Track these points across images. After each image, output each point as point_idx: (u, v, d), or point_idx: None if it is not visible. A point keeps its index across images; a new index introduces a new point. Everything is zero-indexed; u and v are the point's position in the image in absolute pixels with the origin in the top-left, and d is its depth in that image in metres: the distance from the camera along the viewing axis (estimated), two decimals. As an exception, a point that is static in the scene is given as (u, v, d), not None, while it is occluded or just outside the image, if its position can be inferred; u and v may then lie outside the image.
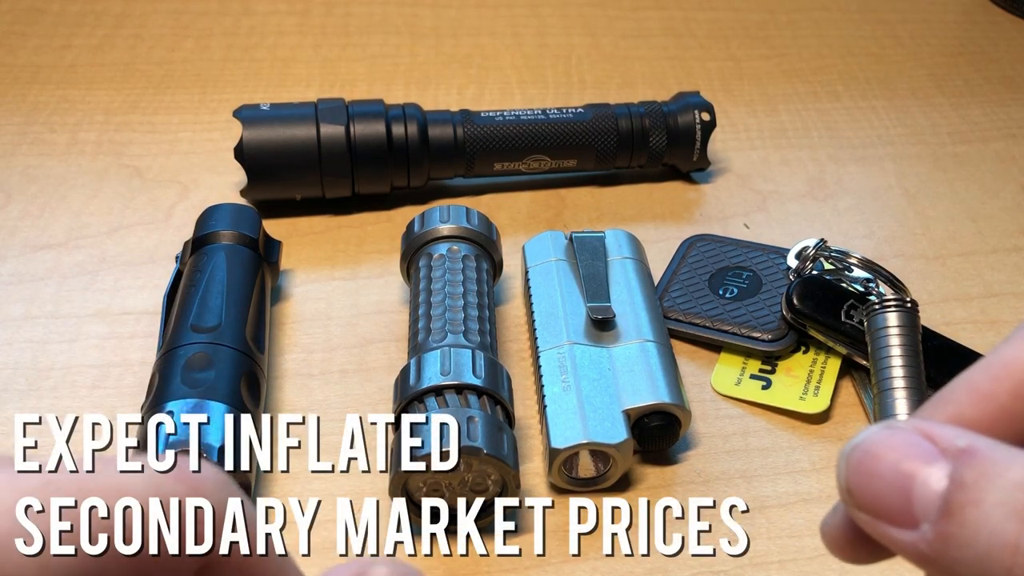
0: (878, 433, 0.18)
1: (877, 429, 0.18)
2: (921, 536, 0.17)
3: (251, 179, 0.47)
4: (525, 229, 0.48)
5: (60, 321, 0.43)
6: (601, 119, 0.50)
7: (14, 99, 0.57)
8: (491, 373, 0.35)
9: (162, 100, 0.57)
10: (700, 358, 0.42)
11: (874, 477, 0.18)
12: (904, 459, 0.17)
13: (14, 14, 0.64)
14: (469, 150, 0.49)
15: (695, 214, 0.50)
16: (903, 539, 0.17)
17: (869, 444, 0.18)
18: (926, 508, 0.17)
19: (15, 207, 0.49)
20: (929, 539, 0.17)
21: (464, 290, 0.39)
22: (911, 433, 0.18)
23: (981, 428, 0.18)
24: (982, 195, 0.52)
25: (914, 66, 0.63)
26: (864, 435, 0.18)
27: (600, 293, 0.40)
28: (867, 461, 0.18)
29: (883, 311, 0.38)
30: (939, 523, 0.17)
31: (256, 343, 0.38)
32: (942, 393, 0.20)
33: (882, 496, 0.18)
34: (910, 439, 0.18)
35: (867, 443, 0.18)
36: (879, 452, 0.18)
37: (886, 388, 0.37)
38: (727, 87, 0.60)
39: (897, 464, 0.17)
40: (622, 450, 0.35)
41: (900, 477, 0.17)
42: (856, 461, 0.18)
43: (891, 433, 0.18)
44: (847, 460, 0.18)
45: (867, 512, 0.18)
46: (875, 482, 0.18)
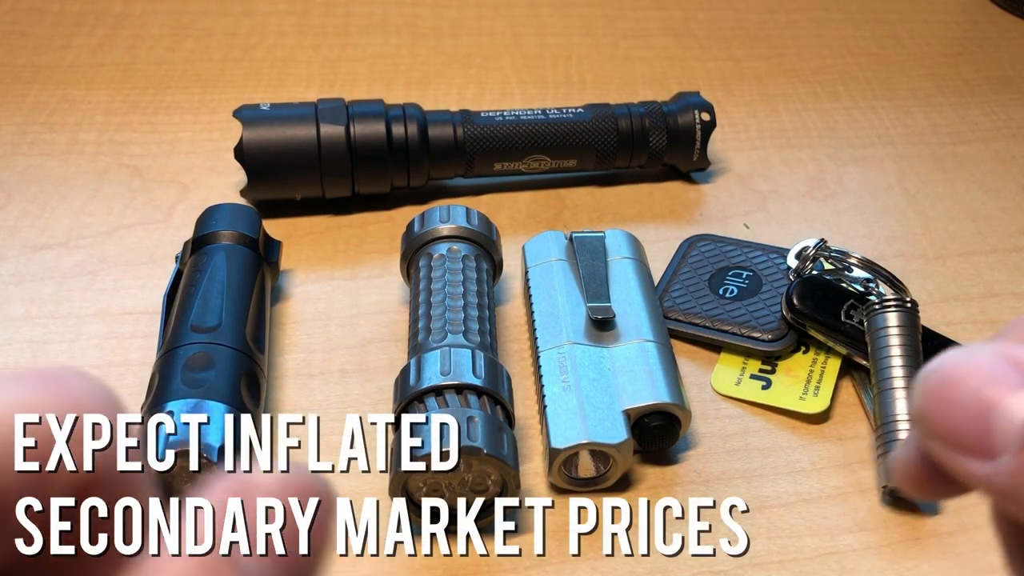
0: (959, 356, 0.17)
1: (958, 352, 0.17)
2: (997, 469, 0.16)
3: (251, 179, 0.47)
4: (525, 229, 0.48)
5: (60, 321, 0.43)
6: (601, 119, 0.50)
7: (14, 99, 0.57)
8: (491, 373, 0.35)
9: (162, 100, 0.57)
10: (700, 358, 0.42)
11: (951, 403, 0.16)
12: (985, 385, 0.16)
13: (14, 14, 0.64)
14: (469, 150, 0.49)
15: (695, 214, 0.50)
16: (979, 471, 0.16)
17: (949, 367, 0.17)
18: (1006, 439, 0.16)
19: (15, 207, 0.49)
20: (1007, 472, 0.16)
21: (464, 290, 0.39)
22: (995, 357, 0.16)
23: None
24: (982, 195, 0.52)
25: (914, 66, 0.63)
26: (944, 357, 0.17)
27: (600, 293, 0.40)
28: (945, 386, 0.17)
29: (883, 311, 0.38)
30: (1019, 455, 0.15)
31: (256, 343, 0.38)
32: None
33: (959, 424, 0.16)
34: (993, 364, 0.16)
35: (947, 366, 0.17)
36: (959, 376, 0.16)
37: (886, 388, 0.37)
38: (727, 87, 0.60)
39: (977, 390, 0.16)
40: (622, 450, 0.35)
41: (979, 404, 0.16)
42: (933, 386, 0.17)
43: (972, 356, 0.16)
44: (923, 384, 0.17)
45: (942, 441, 0.17)
46: (952, 409, 0.16)
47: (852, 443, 0.39)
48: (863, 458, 0.38)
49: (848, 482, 0.37)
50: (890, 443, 0.36)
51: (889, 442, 0.36)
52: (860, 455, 0.38)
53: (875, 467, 0.37)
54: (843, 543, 0.35)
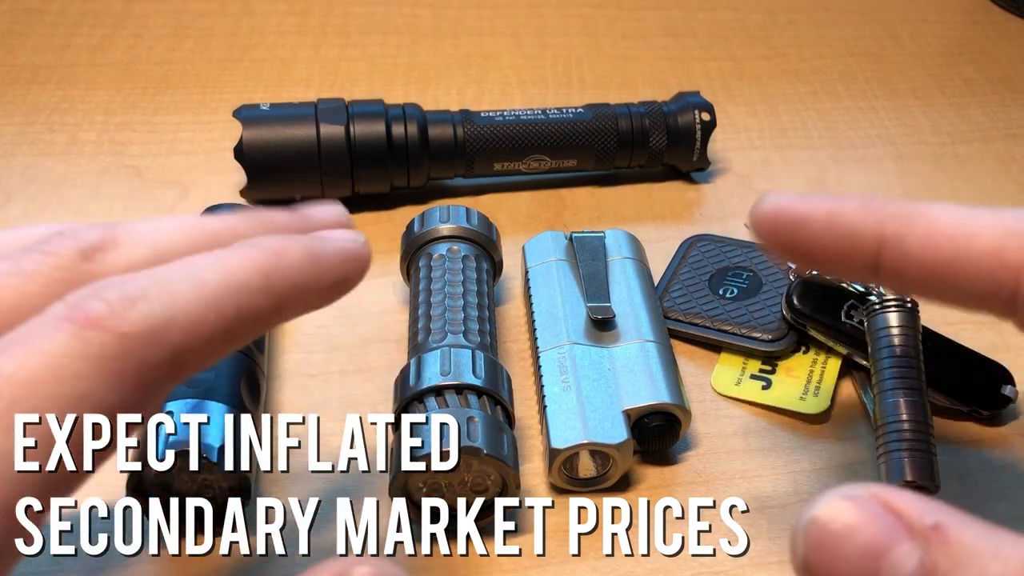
0: (836, 504, 0.17)
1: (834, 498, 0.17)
2: None
3: (251, 179, 0.47)
4: (525, 229, 0.48)
5: (60, 321, 0.43)
6: (601, 119, 0.50)
7: (14, 99, 0.57)
8: (491, 373, 0.35)
9: (162, 100, 0.57)
10: (700, 358, 0.42)
11: (837, 558, 0.16)
12: (870, 539, 0.16)
13: (14, 14, 0.64)
14: (469, 150, 0.49)
15: (695, 214, 0.50)
16: None
17: (827, 518, 0.17)
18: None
19: (15, 207, 0.49)
20: None
21: (464, 290, 0.39)
22: (873, 506, 0.16)
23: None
24: (982, 195, 0.52)
25: (914, 66, 0.63)
26: (821, 507, 0.17)
27: (600, 293, 0.40)
28: (827, 538, 0.16)
29: (883, 311, 0.38)
30: None
31: (256, 343, 0.38)
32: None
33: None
34: (873, 513, 0.16)
35: (826, 518, 0.17)
36: (839, 528, 0.16)
37: (886, 388, 0.37)
38: (727, 87, 0.60)
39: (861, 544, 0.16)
40: (622, 450, 0.35)
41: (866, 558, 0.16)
42: (815, 537, 0.17)
43: (851, 506, 0.16)
44: (805, 535, 0.17)
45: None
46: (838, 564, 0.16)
47: (852, 443, 0.39)
48: (863, 458, 0.38)
49: (848, 482, 0.37)
50: (890, 443, 0.36)
51: (889, 442, 0.36)
52: (860, 455, 0.38)
53: (875, 467, 0.37)
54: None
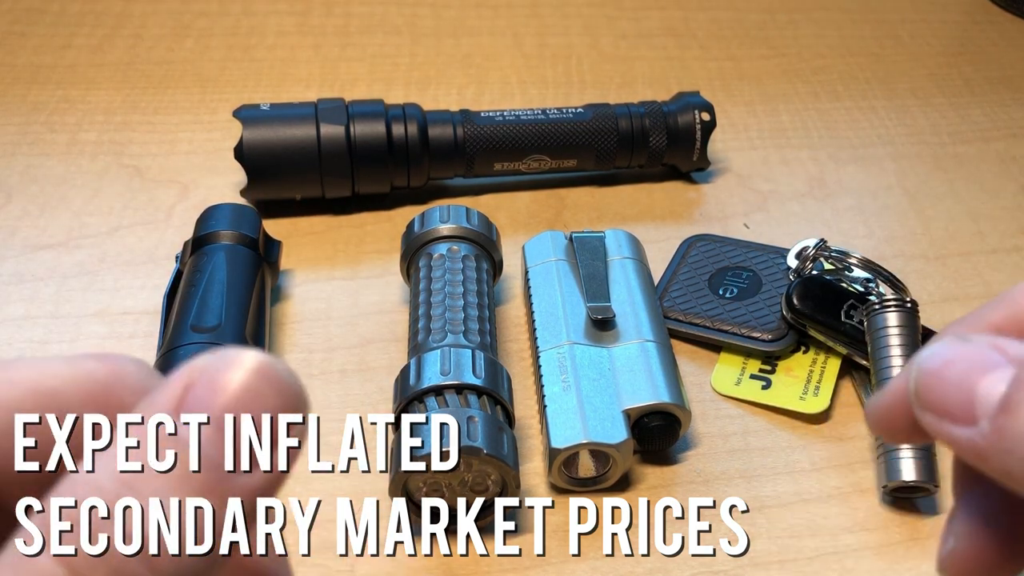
0: (952, 341, 0.19)
1: (952, 339, 0.19)
2: (979, 431, 0.18)
3: (251, 179, 0.47)
4: (525, 229, 0.48)
5: (60, 321, 0.43)
6: (601, 119, 0.50)
7: (14, 99, 0.57)
8: (491, 373, 0.35)
9: (162, 100, 0.57)
10: (700, 358, 0.42)
11: (942, 380, 0.19)
12: (973, 365, 0.19)
13: (14, 14, 0.64)
14: (469, 150, 0.49)
15: (695, 214, 0.50)
16: (962, 435, 0.18)
17: (941, 349, 0.19)
18: (986, 407, 0.18)
19: (15, 207, 0.49)
20: (986, 432, 0.18)
21: (464, 290, 0.39)
22: (983, 343, 0.19)
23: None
24: (982, 195, 0.52)
25: (914, 66, 0.63)
26: (938, 345, 0.19)
27: (600, 293, 0.40)
28: (937, 365, 0.19)
29: (883, 311, 0.38)
30: (996, 418, 0.18)
31: (256, 343, 0.38)
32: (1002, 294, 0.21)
33: (948, 397, 0.19)
34: (981, 347, 0.19)
35: (941, 351, 0.19)
36: (949, 356, 0.19)
37: (886, 388, 0.37)
38: (727, 87, 0.60)
39: (966, 370, 0.19)
40: (622, 450, 0.35)
41: (967, 380, 0.18)
42: (927, 365, 0.19)
43: (964, 344, 0.19)
44: (919, 364, 0.19)
45: (932, 412, 0.19)
46: (943, 384, 0.19)
47: (852, 443, 0.39)
48: (863, 458, 0.38)
49: (848, 482, 0.37)
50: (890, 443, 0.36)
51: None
52: (860, 455, 0.38)
53: (875, 467, 0.37)
54: (843, 543, 0.35)
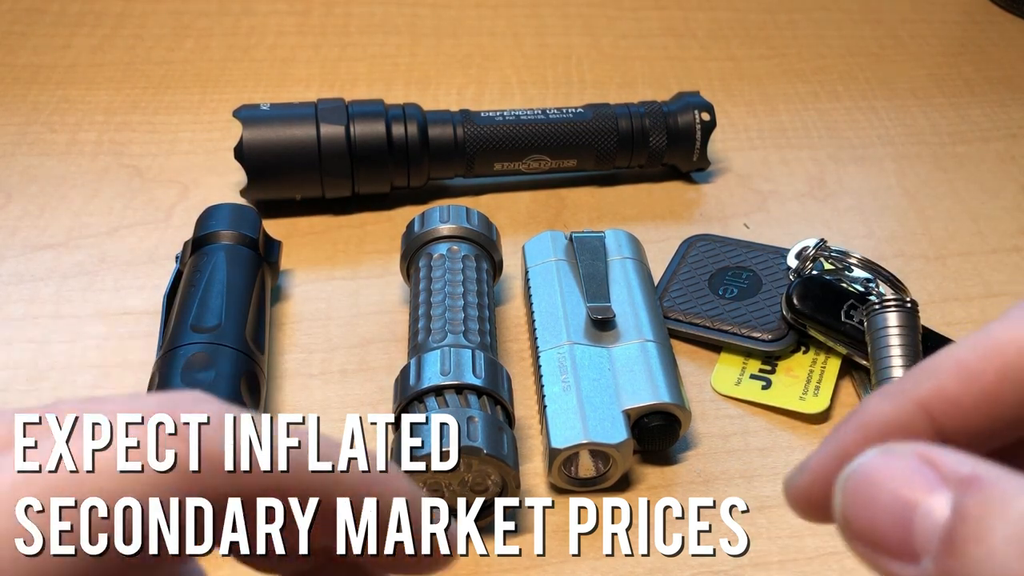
0: (876, 458, 0.17)
1: (875, 453, 0.17)
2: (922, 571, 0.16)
3: (251, 179, 0.47)
4: (525, 229, 0.48)
5: (60, 321, 0.43)
6: (601, 119, 0.50)
7: (14, 99, 0.57)
8: (491, 373, 0.35)
9: (162, 100, 0.57)
10: (700, 358, 0.42)
11: (872, 506, 0.17)
12: (904, 487, 0.16)
13: (14, 14, 0.64)
14: (469, 150, 0.49)
15: (695, 214, 0.50)
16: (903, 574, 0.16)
17: (866, 470, 0.17)
18: (927, 541, 0.16)
19: (15, 207, 0.49)
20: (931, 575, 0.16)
21: (464, 290, 0.39)
22: (911, 458, 0.17)
23: (963, 408, 0.18)
24: (982, 195, 0.52)
25: (914, 66, 0.63)
26: (861, 460, 0.17)
27: (600, 293, 0.40)
28: (864, 489, 0.17)
29: (883, 311, 0.38)
30: (941, 558, 0.15)
31: (256, 343, 0.38)
32: (927, 364, 0.19)
33: (880, 527, 0.17)
34: (910, 465, 0.16)
35: (864, 469, 0.17)
36: (877, 479, 0.17)
37: (886, 388, 0.37)
38: (727, 87, 0.60)
39: (896, 492, 0.16)
40: (622, 450, 0.35)
41: (900, 506, 0.16)
42: (853, 488, 0.17)
43: (890, 458, 0.17)
44: (844, 487, 0.17)
45: (864, 543, 0.17)
46: (873, 512, 0.17)
47: (852, 443, 0.39)
48: (863, 458, 0.38)
49: (848, 482, 0.37)
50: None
51: (889, 442, 0.36)
52: (860, 455, 0.38)
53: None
54: (843, 543, 0.35)
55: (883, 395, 0.19)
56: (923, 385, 0.18)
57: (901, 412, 0.19)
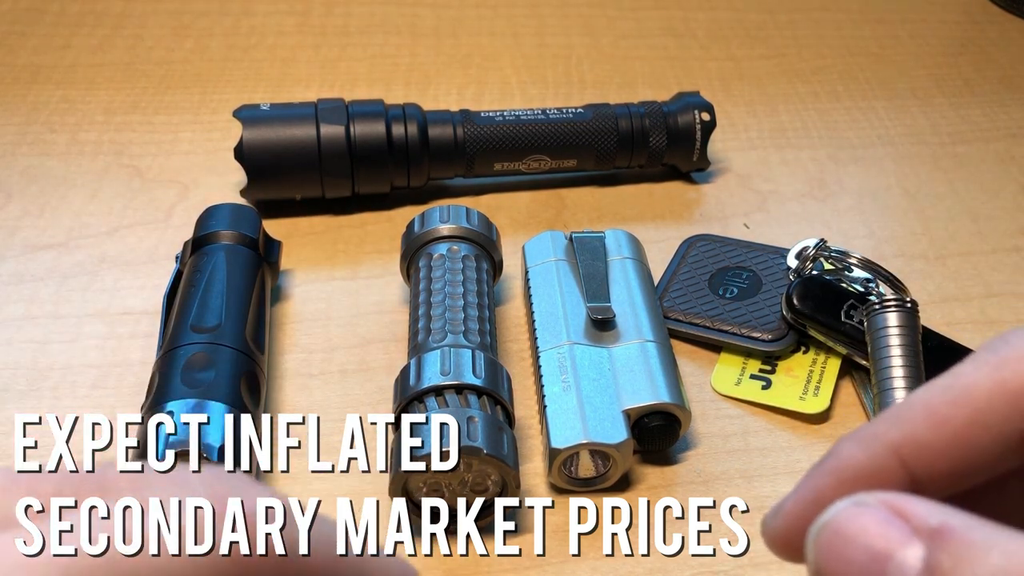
0: (846, 510, 0.17)
1: (845, 505, 0.17)
2: None
3: (251, 179, 0.47)
4: (525, 229, 0.48)
5: (60, 321, 0.43)
6: (601, 119, 0.50)
7: (14, 99, 0.57)
8: (491, 373, 0.35)
9: (162, 100, 0.57)
10: (700, 358, 0.42)
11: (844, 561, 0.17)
12: (875, 540, 0.16)
13: (14, 14, 0.64)
14: (469, 150, 0.49)
15: (695, 214, 0.50)
16: None
17: (837, 524, 0.17)
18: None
19: (15, 207, 0.49)
20: None
21: (464, 290, 0.39)
22: (881, 510, 0.17)
23: (934, 452, 0.18)
24: (982, 195, 0.52)
25: (914, 66, 0.63)
26: (832, 512, 0.17)
27: (600, 293, 0.40)
28: (836, 543, 0.17)
29: (883, 311, 0.38)
30: None
31: (256, 343, 0.38)
32: (898, 409, 0.19)
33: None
34: (880, 516, 0.17)
35: (835, 522, 0.17)
36: (848, 533, 0.17)
37: (886, 388, 0.37)
38: (727, 87, 0.60)
39: (868, 546, 0.16)
40: (622, 450, 0.35)
41: (871, 560, 0.16)
42: (825, 542, 0.17)
43: (860, 511, 0.17)
44: (816, 541, 0.17)
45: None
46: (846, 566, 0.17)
47: (852, 443, 0.39)
48: (863, 458, 0.38)
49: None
50: None
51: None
52: (860, 455, 0.38)
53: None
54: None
55: (856, 440, 0.19)
56: (894, 430, 0.19)
57: (874, 457, 0.19)
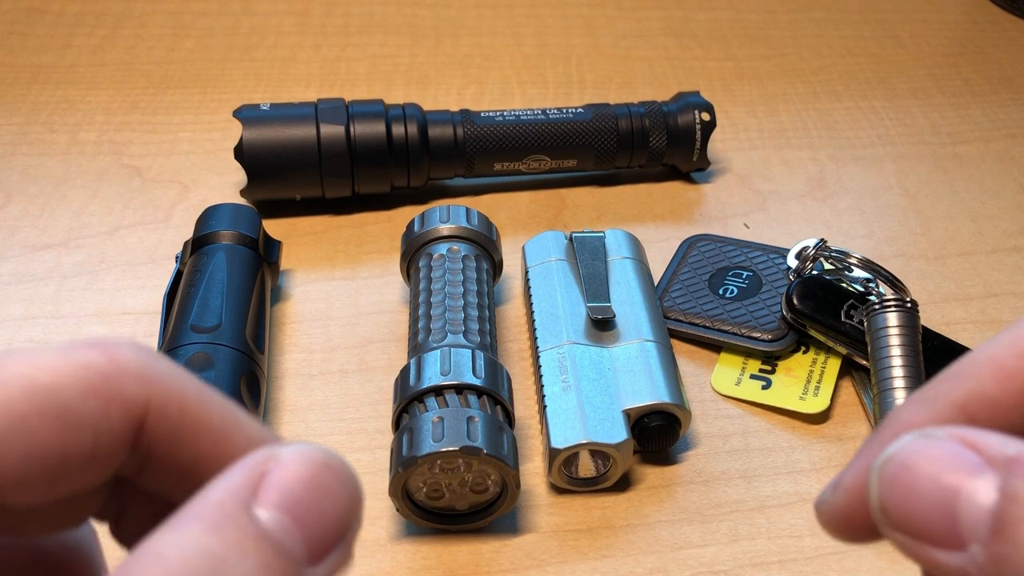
0: (913, 443, 0.16)
1: (912, 438, 0.16)
2: (970, 559, 0.15)
3: (251, 179, 0.47)
4: (525, 229, 0.48)
5: (60, 321, 0.43)
6: (601, 119, 0.50)
7: (14, 99, 0.57)
8: (491, 373, 0.35)
9: (162, 100, 0.57)
10: (700, 358, 0.42)
11: (912, 493, 0.16)
12: (946, 471, 0.15)
13: (14, 14, 0.64)
14: (469, 150, 0.49)
15: (695, 214, 0.50)
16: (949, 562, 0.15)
17: (904, 456, 0.16)
18: (974, 527, 0.15)
19: (15, 207, 0.49)
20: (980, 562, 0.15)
21: (464, 290, 0.39)
22: (951, 442, 0.16)
23: (1003, 408, 0.17)
24: (982, 195, 0.52)
25: (914, 66, 0.63)
26: (898, 445, 0.16)
27: (600, 293, 0.40)
28: (903, 475, 0.16)
29: (883, 311, 0.38)
30: (991, 543, 0.15)
31: (256, 343, 0.38)
32: (961, 366, 0.18)
33: (922, 515, 0.15)
34: (951, 448, 0.16)
35: (902, 454, 0.16)
36: (916, 465, 0.16)
37: (886, 388, 0.37)
38: (727, 87, 0.60)
39: (938, 477, 0.15)
40: (622, 450, 0.35)
41: (942, 492, 0.15)
42: (890, 476, 0.16)
43: (928, 442, 0.16)
44: (880, 475, 0.16)
45: (905, 532, 0.16)
46: (913, 499, 0.16)
47: (852, 443, 0.39)
48: (863, 458, 0.38)
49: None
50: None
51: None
52: (860, 455, 0.38)
53: (875, 467, 0.37)
54: (843, 543, 0.35)
55: (917, 402, 0.18)
56: (958, 388, 0.18)
57: (938, 418, 0.18)
